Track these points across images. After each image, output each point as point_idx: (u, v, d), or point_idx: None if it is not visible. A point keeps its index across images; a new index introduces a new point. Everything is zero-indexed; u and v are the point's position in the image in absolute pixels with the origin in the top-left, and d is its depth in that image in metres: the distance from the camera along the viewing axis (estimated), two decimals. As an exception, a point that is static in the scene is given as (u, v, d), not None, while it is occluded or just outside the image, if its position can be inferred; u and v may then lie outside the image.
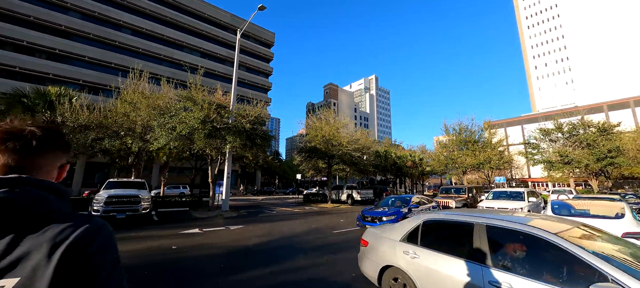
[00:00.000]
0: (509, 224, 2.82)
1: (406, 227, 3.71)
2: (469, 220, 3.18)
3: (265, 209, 17.76)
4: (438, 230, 3.56)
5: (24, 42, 33.31)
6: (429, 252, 3.21)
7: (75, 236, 0.64)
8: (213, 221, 11.79)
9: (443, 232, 3.54)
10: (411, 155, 30.27)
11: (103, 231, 0.70)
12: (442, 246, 3.23)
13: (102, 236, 0.69)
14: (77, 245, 0.63)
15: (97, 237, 0.68)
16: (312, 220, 12.52)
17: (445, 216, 3.61)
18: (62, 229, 0.65)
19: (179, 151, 23.17)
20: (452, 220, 3.48)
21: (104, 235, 0.70)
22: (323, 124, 21.50)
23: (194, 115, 13.03)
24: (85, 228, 0.67)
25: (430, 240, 3.40)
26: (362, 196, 21.10)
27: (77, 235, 0.65)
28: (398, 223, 4.07)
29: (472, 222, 3.09)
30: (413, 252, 3.33)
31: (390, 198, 10.72)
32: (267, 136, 16.59)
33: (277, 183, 64.41)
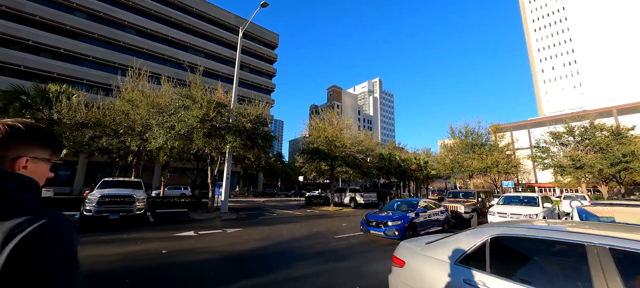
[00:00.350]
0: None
1: (463, 244, 2.68)
2: (574, 238, 2.11)
3: (266, 211, 17.30)
4: (517, 251, 2.52)
5: (30, 41, 33.52)
6: (509, 284, 2.15)
7: (29, 231, 0.64)
8: (210, 223, 11.35)
9: (527, 253, 2.46)
10: (416, 158, 29.61)
11: (59, 227, 0.69)
12: (529, 276, 2.20)
13: (57, 232, 0.68)
14: (29, 240, 0.63)
15: (51, 233, 0.67)
16: (314, 223, 12.01)
17: (529, 231, 2.45)
18: (18, 223, 0.64)
19: (179, 151, 22.92)
20: (543, 237, 2.29)
21: (59, 231, 0.69)
22: (326, 125, 21.04)
23: (193, 114, 12.67)
24: (40, 224, 0.66)
25: (507, 266, 2.41)
26: (366, 199, 20.54)
27: (31, 229, 0.64)
28: (449, 238, 3.00)
29: (582, 242, 2.02)
30: (482, 283, 2.27)
31: (395, 202, 10.18)
32: (269, 137, 16.17)
33: (280, 186, 63.97)
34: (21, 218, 0.65)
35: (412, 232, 8.18)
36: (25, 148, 0.80)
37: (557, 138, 22.79)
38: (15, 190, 0.71)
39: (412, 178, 29.81)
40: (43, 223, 0.66)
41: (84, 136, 13.14)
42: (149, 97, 14.29)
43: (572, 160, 19.81)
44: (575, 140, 21.95)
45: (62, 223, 0.70)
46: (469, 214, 11.10)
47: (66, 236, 0.69)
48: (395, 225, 7.94)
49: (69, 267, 0.67)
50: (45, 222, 0.67)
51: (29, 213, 0.67)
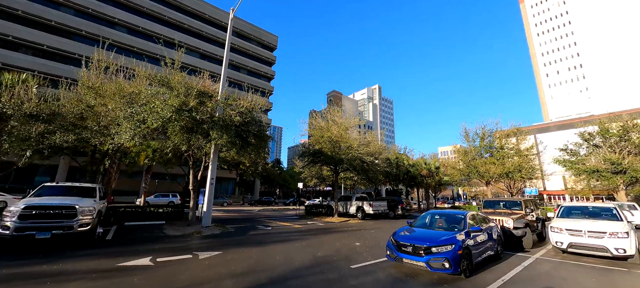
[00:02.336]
0: None
1: None
2: None
3: (259, 224, 14.61)
4: None
5: (10, 37, 31.15)
6: None
7: None
8: (184, 242, 8.70)
9: None
10: (426, 164, 27.09)
11: None
12: None
13: None
14: None
15: None
16: (317, 242, 9.36)
17: None
18: None
19: (162, 153, 20.30)
20: None
21: None
22: (330, 124, 18.55)
23: (167, 102, 10.15)
24: None
25: None
26: (375, 209, 17.89)
27: None
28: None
29: None
30: None
31: (428, 216, 7.60)
32: (263, 135, 13.62)
33: (278, 193, 61.05)
34: None
35: (467, 262, 5.57)
36: None
37: (587, 140, 20.35)
38: None
39: (422, 184, 27.22)
40: None
41: (31, 131, 10.56)
42: (117, 86, 11.74)
43: (612, 163, 17.31)
44: (608, 143, 19.51)
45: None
46: (521, 231, 8.50)
47: None
48: (443, 252, 5.33)
49: None
50: None
51: None
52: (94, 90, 11.41)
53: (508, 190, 31.42)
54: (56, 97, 11.47)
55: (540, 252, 8.39)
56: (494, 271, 6.10)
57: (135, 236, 9.68)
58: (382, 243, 9.18)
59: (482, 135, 23.84)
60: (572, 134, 23.67)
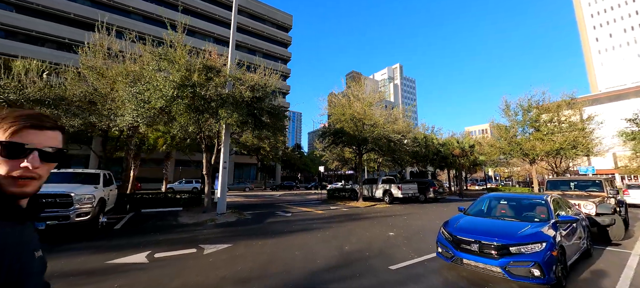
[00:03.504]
0: None
1: None
2: None
3: (279, 210, 13.61)
4: None
5: (33, 32, 32.07)
6: None
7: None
8: (192, 232, 7.76)
9: None
10: (459, 142, 24.53)
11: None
12: None
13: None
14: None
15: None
16: (343, 231, 8.02)
17: None
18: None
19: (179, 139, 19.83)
20: None
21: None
22: (351, 101, 16.81)
23: (169, 79, 9.05)
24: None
25: None
26: (404, 192, 16.20)
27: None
28: None
29: None
30: None
31: (488, 201, 5.90)
32: (278, 112, 12.28)
33: (300, 178, 60.82)
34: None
35: (562, 266, 3.91)
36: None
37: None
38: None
39: (453, 165, 24.85)
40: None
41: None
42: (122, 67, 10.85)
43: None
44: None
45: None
46: (609, 218, 6.51)
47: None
48: (529, 254, 3.70)
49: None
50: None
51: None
52: (95, 70, 10.59)
53: (553, 170, 28.08)
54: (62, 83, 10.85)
55: (636, 245, 6.41)
56: (595, 276, 4.38)
57: (146, 225, 8.95)
58: (421, 233, 7.65)
59: (527, 107, 20.76)
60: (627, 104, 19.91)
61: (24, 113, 0.71)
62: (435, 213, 12.28)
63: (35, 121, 0.71)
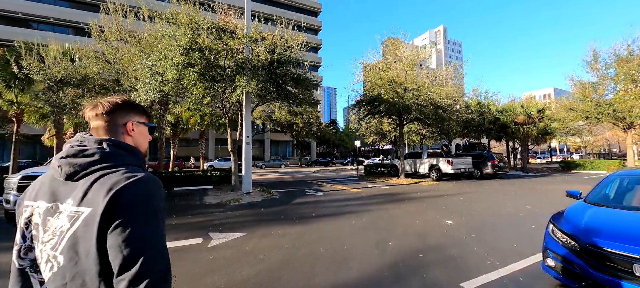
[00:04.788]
0: None
1: None
2: None
3: (311, 187, 12.46)
4: None
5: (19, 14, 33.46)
6: None
7: (123, 185, 0.77)
8: (210, 215, 6.90)
9: None
10: (524, 108, 20.32)
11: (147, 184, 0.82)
12: None
13: (145, 187, 0.81)
14: (123, 191, 0.76)
15: (139, 187, 0.79)
16: (384, 217, 6.42)
17: None
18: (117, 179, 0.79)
19: (211, 117, 19.60)
20: None
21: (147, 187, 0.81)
22: (390, 62, 14.38)
23: (176, 43, 7.95)
24: (132, 180, 0.79)
25: None
26: (455, 167, 13.76)
27: (125, 184, 0.78)
28: None
29: None
30: None
31: (618, 179, 3.69)
32: (304, 79, 10.64)
33: (335, 153, 59.73)
34: (121, 175, 0.80)
35: None
36: (128, 115, 0.99)
37: None
38: (122, 154, 0.89)
39: (516, 135, 20.89)
40: (135, 180, 0.80)
41: (64, 97, 9.94)
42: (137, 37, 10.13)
43: None
44: None
45: (150, 182, 0.83)
46: None
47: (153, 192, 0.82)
48: None
49: (157, 217, 0.80)
50: (137, 178, 0.80)
51: (128, 172, 0.82)
52: (109, 44, 10.04)
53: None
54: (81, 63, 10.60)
55: None
56: None
57: (172, 205, 8.45)
58: (492, 223, 5.68)
59: (626, 57, 15.87)
60: None
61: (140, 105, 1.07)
62: (500, 193, 9.90)
63: None
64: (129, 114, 0.98)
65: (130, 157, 0.91)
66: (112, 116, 0.94)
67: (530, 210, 6.85)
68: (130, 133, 0.98)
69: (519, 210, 6.86)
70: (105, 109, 0.93)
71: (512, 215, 6.33)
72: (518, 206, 7.47)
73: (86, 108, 0.95)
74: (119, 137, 0.95)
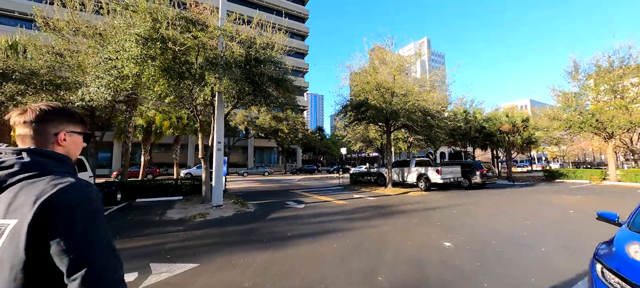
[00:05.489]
0: None
1: None
2: None
3: (292, 198, 11.41)
4: None
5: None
6: None
7: (52, 192, 0.73)
8: (164, 237, 5.73)
9: None
10: (508, 117, 20.37)
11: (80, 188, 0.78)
12: None
13: (77, 191, 0.77)
14: (52, 199, 0.73)
15: (72, 192, 0.76)
16: (373, 238, 5.51)
17: None
18: (43, 187, 0.74)
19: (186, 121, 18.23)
20: None
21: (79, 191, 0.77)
22: (377, 66, 13.77)
23: (134, 32, 6.82)
24: (62, 186, 0.75)
25: None
26: (444, 177, 13.18)
27: (53, 191, 0.74)
28: None
29: None
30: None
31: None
32: (286, 81, 9.69)
33: (322, 161, 58.79)
34: (47, 183, 0.75)
35: None
36: (60, 125, 0.90)
37: None
38: (46, 163, 0.82)
39: (501, 144, 20.86)
40: (65, 186, 0.76)
41: (1, 94, 8.46)
42: (90, 27, 8.86)
43: None
44: None
45: (83, 187, 0.79)
46: None
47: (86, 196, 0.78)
48: None
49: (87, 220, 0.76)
50: (67, 184, 0.77)
51: (55, 179, 0.77)
52: (59, 34, 8.72)
53: (628, 147, 23.12)
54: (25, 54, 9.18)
55: None
56: None
57: (123, 221, 7.17)
58: (495, 244, 4.89)
59: (606, 68, 16.14)
60: None
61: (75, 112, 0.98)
62: (494, 206, 9.29)
63: None
64: (61, 124, 0.91)
65: (57, 165, 0.85)
66: (42, 125, 0.87)
67: (531, 227, 6.17)
68: (61, 143, 0.91)
69: (519, 227, 6.17)
70: (34, 117, 0.85)
71: (514, 234, 5.60)
72: (517, 220, 6.80)
73: (13, 112, 0.87)
74: (47, 146, 0.87)
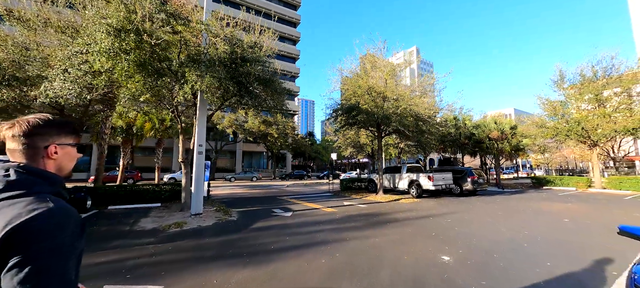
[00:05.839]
0: None
1: None
2: None
3: (279, 206, 10.82)
4: None
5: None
6: None
7: (24, 219, 0.68)
8: (132, 250, 5.06)
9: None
10: (497, 124, 20.58)
11: (52, 218, 0.72)
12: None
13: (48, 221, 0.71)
14: (21, 226, 0.67)
15: (42, 221, 0.70)
16: (365, 251, 5.04)
17: None
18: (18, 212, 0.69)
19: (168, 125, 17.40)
20: None
21: (51, 221, 0.71)
22: (369, 70, 13.50)
23: (106, 23, 6.20)
24: (35, 214, 0.70)
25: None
26: (436, 184, 12.93)
27: (26, 218, 0.68)
28: None
29: None
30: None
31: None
32: (273, 82, 9.20)
33: (312, 166, 58.21)
34: (24, 207, 0.70)
35: None
36: (50, 138, 0.85)
37: None
38: (33, 181, 0.77)
39: (490, 150, 21.01)
40: (36, 215, 0.70)
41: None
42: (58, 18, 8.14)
43: None
44: None
45: (57, 216, 0.73)
46: None
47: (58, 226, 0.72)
48: None
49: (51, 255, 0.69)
50: (39, 212, 0.70)
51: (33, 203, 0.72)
52: (23, 22, 7.95)
53: (609, 155, 23.74)
54: None
55: None
56: None
57: (90, 232, 6.40)
58: (497, 258, 4.51)
59: (590, 78, 16.52)
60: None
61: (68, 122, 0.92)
62: (488, 214, 9.02)
63: None
64: (51, 136, 0.86)
65: (44, 185, 0.80)
66: (31, 139, 0.82)
67: (530, 238, 5.86)
68: (52, 157, 0.85)
69: (519, 237, 5.84)
70: (22, 131, 0.81)
71: (515, 247, 5.26)
72: (514, 230, 6.49)
73: (2, 127, 0.84)
74: (38, 161, 0.83)
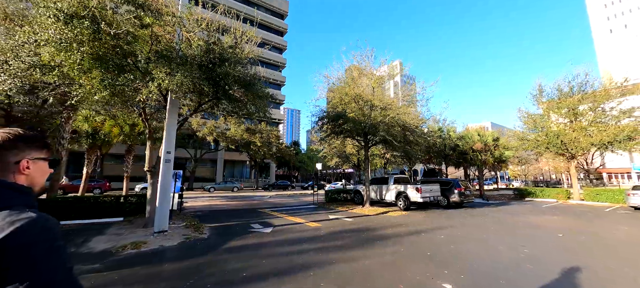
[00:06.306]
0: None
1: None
2: None
3: (258, 220, 9.89)
4: None
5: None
6: None
7: (8, 231, 0.69)
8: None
9: None
10: (480, 135, 20.87)
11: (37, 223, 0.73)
12: None
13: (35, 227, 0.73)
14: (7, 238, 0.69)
15: (30, 228, 0.72)
16: (352, 275, 4.32)
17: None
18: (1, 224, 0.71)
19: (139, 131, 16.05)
20: None
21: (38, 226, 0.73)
22: (356, 77, 13.11)
23: (52, 7, 5.29)
24: (21, 224, 0.71)
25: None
26: (424, 196, 12.53)
27: (10, 230, 0.70)
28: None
29: None
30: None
31: None
32: (254, 85, 8.49)
33: (296, 176, 57.08)
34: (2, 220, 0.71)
35: None
36: (21, 153, 0.85)
37: None
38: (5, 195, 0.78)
39: (474, 162, 21.19)
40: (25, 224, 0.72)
41: None
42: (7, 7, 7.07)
43: None
44: None
45: (42, 221, 0.75)
46: None
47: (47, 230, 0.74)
48: None
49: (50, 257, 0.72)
50: (26, 221, 0.72)
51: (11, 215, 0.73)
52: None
53: (582, 167, 24.57)
54: None
55: None
56: None
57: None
58: (502, 281, 3.94)
59: (567, 93, 17.12)
60: None
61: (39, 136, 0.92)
62: (481, 229, 8.60)
63: None
64: (22, 151, 0.86)
65: (18, 198, 0.81)
66: (1, 154, 0.82)
67: (532, 257, 5.40)
68: (24, 172, 0.86)
69: (520, 258, 5.36)
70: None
71: (520, 270, 4.74)
72: (513, 248, 6.03)
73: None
74: (9, 177, 0.83)
